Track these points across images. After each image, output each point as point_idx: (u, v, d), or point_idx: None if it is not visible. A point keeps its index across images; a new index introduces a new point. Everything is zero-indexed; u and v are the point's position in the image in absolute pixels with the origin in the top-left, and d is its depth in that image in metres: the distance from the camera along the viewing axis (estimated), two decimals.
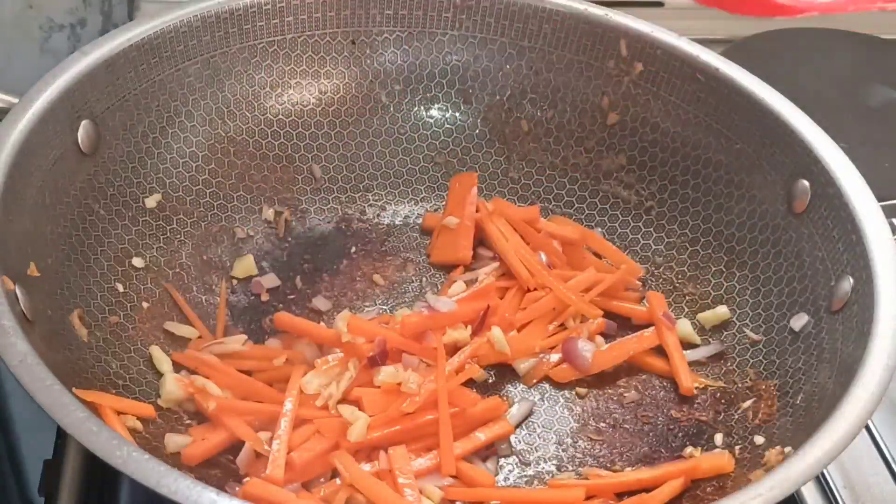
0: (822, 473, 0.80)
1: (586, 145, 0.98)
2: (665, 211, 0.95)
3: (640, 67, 0.94)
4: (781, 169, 0.86)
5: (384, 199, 0.99)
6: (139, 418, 0.74)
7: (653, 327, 0.88)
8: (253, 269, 0.91)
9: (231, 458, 0.75)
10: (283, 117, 0.97)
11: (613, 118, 0.96)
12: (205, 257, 0.90)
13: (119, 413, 0.72)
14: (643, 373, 0.87)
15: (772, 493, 0.60)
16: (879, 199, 0.79)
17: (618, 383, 0.86)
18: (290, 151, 0.97)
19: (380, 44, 0.98)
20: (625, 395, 0.85)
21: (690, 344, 0.88)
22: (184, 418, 0.78)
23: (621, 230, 0.97)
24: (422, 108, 1.01)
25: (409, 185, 1.00)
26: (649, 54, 0.93)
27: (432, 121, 1.01)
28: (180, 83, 0.90)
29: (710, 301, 0.90)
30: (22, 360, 0.61)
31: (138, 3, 1.13)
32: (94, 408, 0.68)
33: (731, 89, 0.89)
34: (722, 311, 0.88)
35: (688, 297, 0.91)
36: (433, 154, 1.00)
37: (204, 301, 0.88)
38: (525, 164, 1.00)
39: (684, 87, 0.92)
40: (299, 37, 0.95)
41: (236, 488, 0.72)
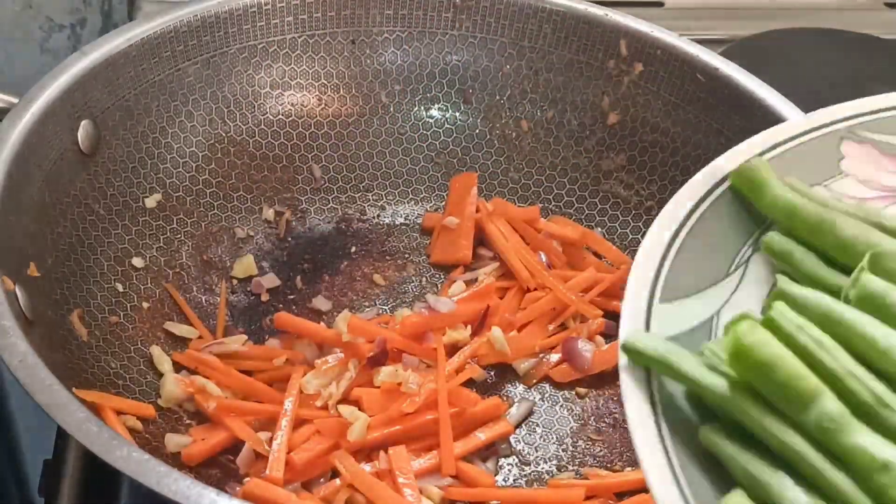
0: None
1: (586, 145, 0.98)
2: None
3: (640, 67, 0.94)
4: None
5: (384, 199, 0.99)
6: (139, 418, 0.74)
7: None
8: (253, 269, 0.91)
9: (231, 458, 0.75)
10: (283, 117, 0.97)
11: (613, 118, 0.96)
12: (205, 257, 0.90)
13: (119, 413, 0.72)
14: None
15: None
16: None
17: (618, 383, 0.86)
18: (290, 151, 0.97)
19: (380, 44, 0.98)
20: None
21: None
22: (184, 418, 0.78)
23: (621, 230, 0.97)
24: (422, 108, 1.01)
25: (409, 185, 1.00)
26: (649, 54, 0.93)
27: (432, 121, 1.01)
28: (180, 83, 0.90)
29: None
30: (22, 360, 0.61)
31: (138, 3, 1.13)
32: (94, 408, 0.68)
33: (731, 89, 0.89)
34: None
35: None
36: (433, 154, 1.00)
37: (204, 301, 0.88)
38: (525, 164, 1.00)
39: (684, 87, 0.92)
40: (299, 37, 0.95)
41: (236, 488, 0.72)
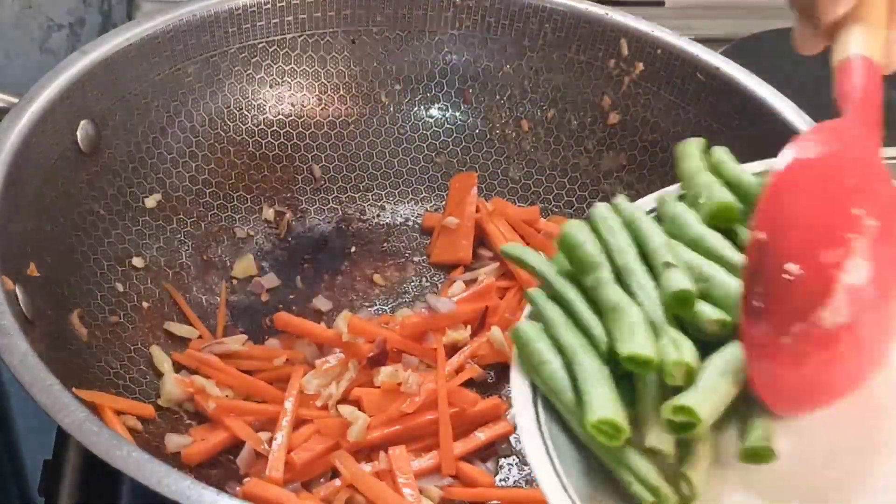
0: None
1: (586, 145, 0.98)
2: None
3: (640, 67, 0.94)
4: None
5: (384, 199, 0.99)
6: (139, 418, 0.74)
7: None
8: (253, 269, 0.91)
9: (231, 457, 0.75)
10: (283, 117, 0.97)
11: (614, 118, 0.96)
12: (205, 257, 0.90)
13: (119, 413, 0.72)
14: None
15: None
16: None
17: None
18: (290, 151, 0.97)
19: (380, 43, 0.98)
20: None
21: None
22: (184, 418, 0.78)
23: None
24: (422, 108, 1.01)
25: (409, 185, 1.00)
26: (650, 54, 0.93)
27: (432, 121, 1.01)
28: (180, 83, 0.90)
29: None
30: (22, 360, 0.61)
31: (138, 2, 1.13)
32: (94, 408, 0.68)
33: (731, 89, 0.89)
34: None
35: None
36: (433, 154, 1.00)
37: (204, 301, 0.88)
38: (525, 164, 1.00)
39: (684, 87, 0.92)
40: (299, 36, 0.95)
41: (236, 488, 0.72)
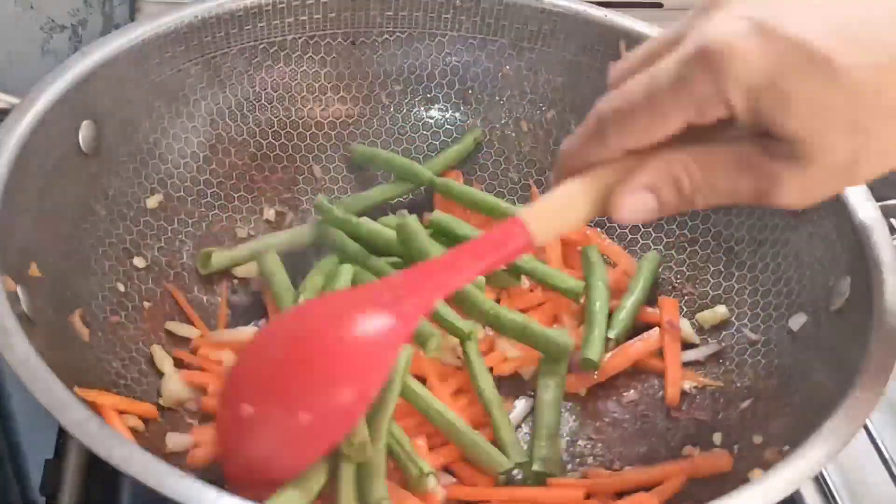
0: (822, 474, 0.80)
1: None
2: None
3: None
4: None
5: None
6: (140, 418, 0.74)
7: (656, 329, 0.88)
8: (254, 270, 0.91)
9: None
10: (284, 118, 0.97)
11: None
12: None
13: (120, 413, 0.72)
14: (642, 372, 0.87)
15: (770, 492, 0.61)
16: (878, 199, 0.79)
17: (617, 383, 0.87)
18: (290, 152, 0.97)
19: (380, 45, 0.98)
20: (624, 394, 0.85)
21: (689, 344, 0.88)
22: (185, 418, 0.78)
23: (621, 230, 0.97)
24: (422, 108, 1.01)
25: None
26: None
27: (432, 121, 1.01)
28: (181, 84, 0.90)
29: (709, 301, 0.90)
30: (23, 360, 0.61)
31: (139, 4, 1.13)
32: (95, 407, 0.69)
33: None
34: (721, 310, 0.88)
35: (687, 297, 0.91)
36: (433, 154, 1.00)
37: (205, 301, 0.88)
38: (525, 164, 1.00)
39: None
40: (300, 38, 0.95)
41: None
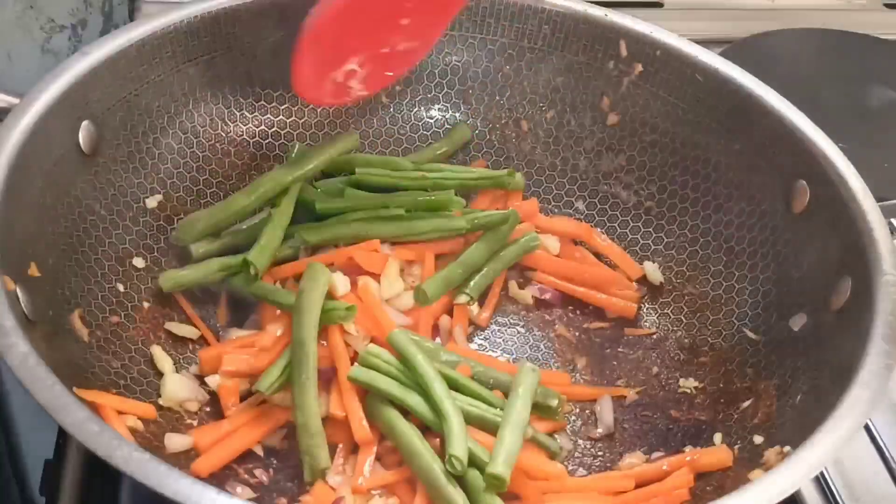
0: (822, 473, 0.80)
1: (586, 145, 0.98)
2: (665, 211, 0.95)
3: (639, 68, 0.94)
4: (780, 169, 0.86)
5: None
6: (140, 418, 0.74)
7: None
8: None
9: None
10: (284, 118, 0.97)
11: (613, 118, 0.97)
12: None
13: (120, 413, 0.72)
14: (643, 373, 0.87)
15: (771, 492, 0.61)
16: (878, 199, 0.79)
17: (618, 384, 0.87)
18: (290, 152, 0.97)
19: None
20: (625, 395, 0.85)
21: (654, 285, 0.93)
22: (184, 418, 0.78)
23: (621, 230, 0.97)
24: (422, 108, 1.01)
25: None
26: (649, 55, 0.93)
27: (432, 121, 1.01)
28: (181, 84, 0.90)
29: (710, 301, 0.90)
30: (23, 361, 0.61)
31: (139, 3, 1.13)
32: (94, 407, 0.69)
33: (730, 89, 0.90)
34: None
35: (687, 297, 0.91)
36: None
37: (205, 301, 0.88)
38: (525, 164, 1.00)
39: (684, 87, 0.92)
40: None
41: (237, 488, 0.72)
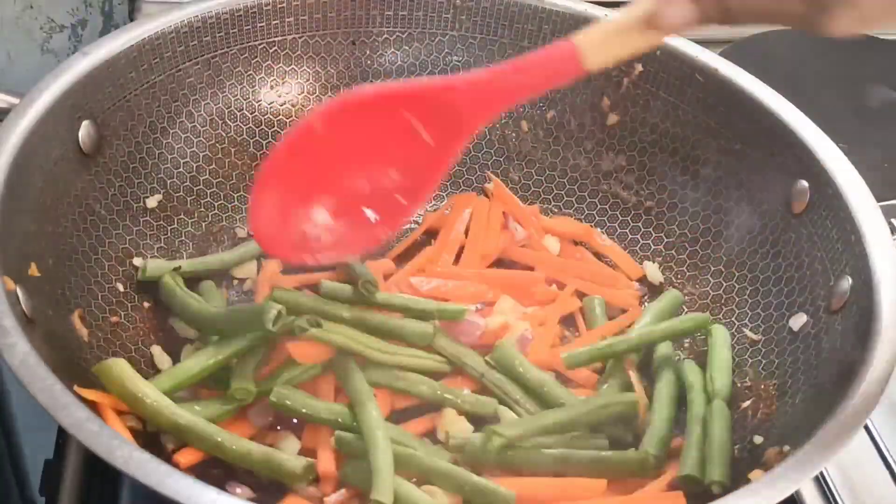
0: (822, 473, 0.80)
1: (586, 146, 0.98)
2: (665, 211, 0.95)
3: (639, 68, 0.94)
4: (781, 169, 0.86)
5: None
6: (140, 418, 0.74)
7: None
8: (254, 272, 0.91)
9: None
10: (284, 118, 0.97)
11: (613, 119, 0.96)
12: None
13: (120, 413, 0.72)
14: (643, 375, 0.87)
15: (771, 492, 0.60)
16: (879, 199, 0.79)
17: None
18: None
19: (380, 44, 0.98)
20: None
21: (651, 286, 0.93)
22: None
23: (621, 230, 0.97)
24: None
25: None
26: (649, 55, 0.93)
27: None
28: (181, 84, 0.90)
29: (710, 301, 0.90)
30: (23, 360, 0.61)
31: (139, 3, 1.13)
32: (94, 407, 0.68)
33: (730, 89, 0.90)
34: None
35: (687, 298, 0.91)
36: None
37: None
38: (525, 164, 1.00)
39: (684, 87, 0.92)
40: (300, 37, 0.95)
41: (237, 489, 0.72)
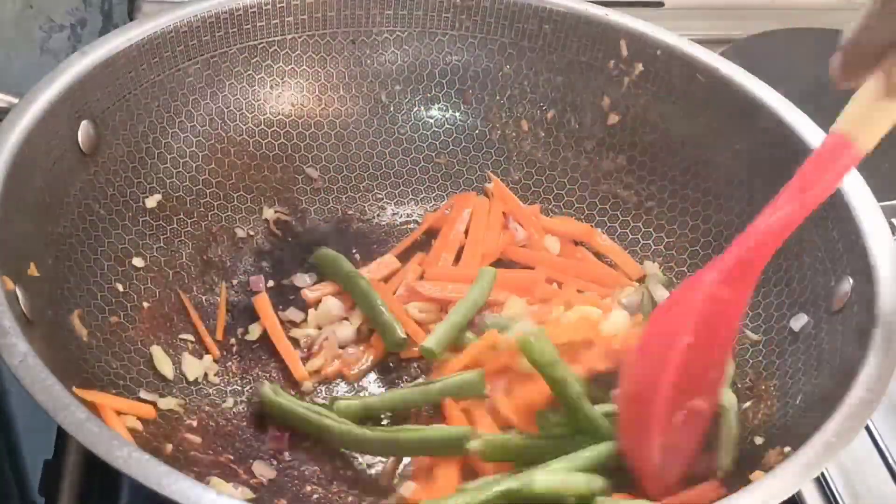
0: (822, 474, 0.80)
1: (586, 145, 0.98)
2: (665, 211, 0.95)
3: (640, 68, 0.94)
4: (781, 169, 0.86)
5: (384, 200, 0.99)
6: (139, 418, 0.74)
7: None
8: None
9: (231, 457, 0.75)
10: (283, 117, 0.97)
11: (613, 118, 0.96)
12: (205, 257, 0.90)
13: (119, 413, 0.72)
14: None
15: (772, 493, 0.60)
16: (879, 199, 0.79)
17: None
18: (290, 151, 0.97)
19: (380, 44, 0.98)
20: None
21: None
22: (184, 419, 0.78)
23: (621, 230, 0.97)
24: (422, 108, 1.01)
25: (409, 185, 1.00)
26: (649, 54, 0.93)
27: (432, 121, 1.01)
28: (180, 83, 0.90)
29: None
30: (22, 361, 0.61)
31: (139, 3, 1.13)
32: (94, 408, 0.68)
33: (731, 89, 0.89)
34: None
35: None
36: (433, 154, 1.00)
37: (204, 301, 0.88)
38: (525, 164, 1.00)
39: (684, 87, 0.92)
40: (299, 37, 0.95)
41: (237, 489, 0.72)
